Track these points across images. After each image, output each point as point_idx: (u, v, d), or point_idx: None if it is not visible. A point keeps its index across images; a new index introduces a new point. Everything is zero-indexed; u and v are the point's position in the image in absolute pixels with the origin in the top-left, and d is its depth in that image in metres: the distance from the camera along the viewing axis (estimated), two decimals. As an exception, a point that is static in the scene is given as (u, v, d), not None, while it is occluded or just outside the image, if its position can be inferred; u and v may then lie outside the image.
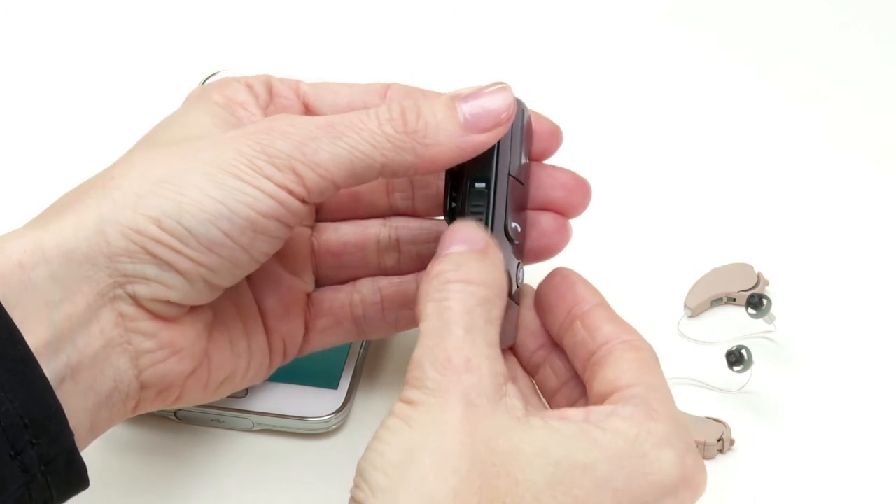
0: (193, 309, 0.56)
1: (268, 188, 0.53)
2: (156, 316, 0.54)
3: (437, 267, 0.54)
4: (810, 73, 0.83)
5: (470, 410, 0.50)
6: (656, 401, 0.53)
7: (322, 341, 0.62)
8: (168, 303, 0.54)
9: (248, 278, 0.59)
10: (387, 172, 0.55)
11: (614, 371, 0.54)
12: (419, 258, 0.62)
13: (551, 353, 0.58)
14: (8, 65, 0.84)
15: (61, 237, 0.52)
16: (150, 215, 0.53)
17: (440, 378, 0.51)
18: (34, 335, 0.51)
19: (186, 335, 0.56)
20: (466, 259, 0.54)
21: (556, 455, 0.50)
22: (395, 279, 0.62)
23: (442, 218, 0.61)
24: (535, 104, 0.61)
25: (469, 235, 0.55)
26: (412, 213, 0.63)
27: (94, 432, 0.54)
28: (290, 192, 0.54)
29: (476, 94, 0.56)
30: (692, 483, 0.52)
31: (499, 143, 0.56)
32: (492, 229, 0.55)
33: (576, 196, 0.60)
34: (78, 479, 0.52)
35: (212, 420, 0.65)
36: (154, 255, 0.53)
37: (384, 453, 0.50)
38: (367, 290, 0.62)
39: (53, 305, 0.52)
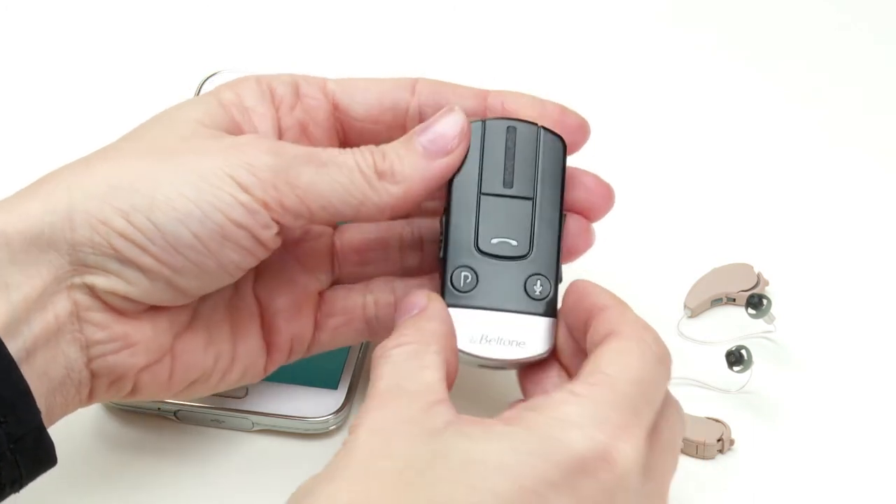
0: (158, 308, 0.56)
1: (242, 198, 0.54)
2: (111, 308, 0.55)
3: (383, 343, 0.55)
4: (810, 73, 0.83)
5: (371, 436, 0.51)
6: (592, 383, 0.52)
7: (332, 341, 0.62)
8: (126, 298, 0.54)
9: (261, 278, 0.59)
10: (363, 213, 0.56)
11: (588, 363, 0.54)
12: None
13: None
14: (7, 64, 0.84)
15: (27, 222, 0.53)
16: (119, 207, 0.53)
17: (357, 422, 0.52)
18: None
19: (143, 331, 0.56)
20: (403, 328, 0.55)
21: (462, 458, 0.50)
22: (411, 281, 0.62)
23: None
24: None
25: (409, 304, 0.56)
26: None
27: (50, 418, 0.55)
28: (266, 207, 0.54)
29: (428, 123, 0.58)
30: (609, 461, 0.50)
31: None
32: (445, 255, 0.58)
33: (598, 199, 0.61)
34: (47, 456, 0.53)
35: (212, 420, 0.65)
36: (117, 250, 0.53)
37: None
38: (381, 290, 0.62)
39: (12, 287, 0.52)
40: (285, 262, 0.60)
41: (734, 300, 0.70)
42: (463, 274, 0.58)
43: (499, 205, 0.59)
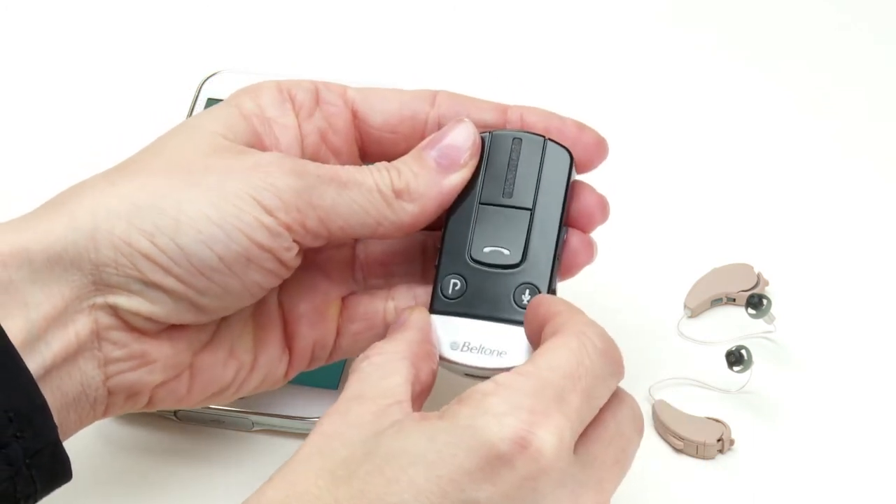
0: (179, 327, 0.56)
1: (266, 221, 0.54)
2: (132, 328, 0.54)
3: (377, 345, 0.55)
4: (810, 74, 0.83)
5: (318, 438, 0.51)
6: (517, 373, 0.51)
7: (353, 347, 0.61)
8: (148, 318, 0.54)
9: (284, 285, 0.59)
10: (380, 232, 0.57)
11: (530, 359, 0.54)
12: None
13: None
14: (7, 64, 0.84)
15: (50, 239, 0.53)
16: (144, 229, 0.53)
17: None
18: (13, 333, 0.51)
19: (161, 349, 0.56)
20: (382, 342, 0.56)
21: (384, 451, 0.50)
22: (431, 287, 0.62)
23: None
24: (536, 105, 0.61)
25: (398, 317, 0.57)
26: None
27: (64, 434, 0.54)
28: (289, 230, 0.54)
29: (437, 136, 0.58)
30: (526, 447, 0.49)
31: None
32: (439, 261, 0.58)
33: (593, 210, 0.61)
34: (62, 471, 0.53)
35: (212, 420, 0.65)
36: (140, 271, 0.53)
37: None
38: (403, 297, 0.61)
39: (32, 306, 0.52)
40: (308, 270, 0.59)
41: (734, 300, 0.70)
42: (452, 281, 0.58)
43: (496, 214, 0.59)
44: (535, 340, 0.56)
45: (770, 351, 0.68)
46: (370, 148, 0.61)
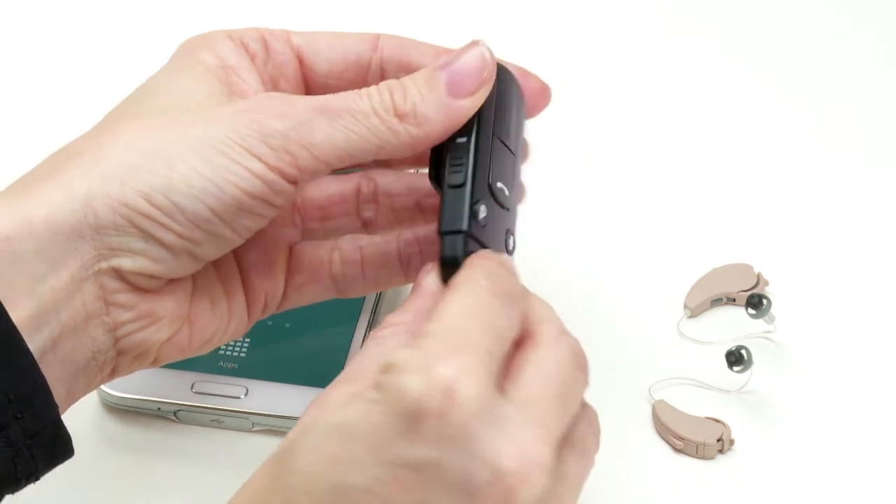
0: (174, 280, 0.56)
1: (257, 169, 0.53)
2: (136, 288, 0.54)
3: (387, 317, 0.53)
4: (810, 75, 0.83)
5: (313, 406, 0.50)
6: (433, 324, 0.50)
7: (300, 297, 0.61)
8: (151, 276, 0.54)
9: None
10: (382, 155, 0.55)
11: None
12: (393, 211, 0.61)
13: None
14: (7, 64, 0.84)
15: (49, 210, 0.52)
16: (139, 189, 0.53)
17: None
18: (19, 308, 0.51)
19: (166, 304, 0.55)
20: (398, 311, 0.53)
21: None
22: (377, 239, 0.61)
23: (416, 171, 0.61)
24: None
25: (418, 285, 0.53)
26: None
27: (71, 399, 0.55)
28: (282, 174, 0.54)
29: (453, 58, 0.56)
30: (439, 397, 0.47)
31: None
32: (473, 182, 0.54)
33: (538, 98, 0.60)
34: (63, 448, 0.53)
35: (212, 420, 0.65)
36: (141, 229, 0.53)
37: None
38: (348, 248, 0.61)
39: (39, 279, 0.52)
40: None
41: (734, 300, 0.70)
42: (482, 207, 0.54)
43: (501, 150, 0.57)
44: None
45: (770, 351, 0.68)
46: (314, 93, 0.59)
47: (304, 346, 0.63)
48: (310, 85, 0.60)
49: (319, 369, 0.66)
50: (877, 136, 0.79)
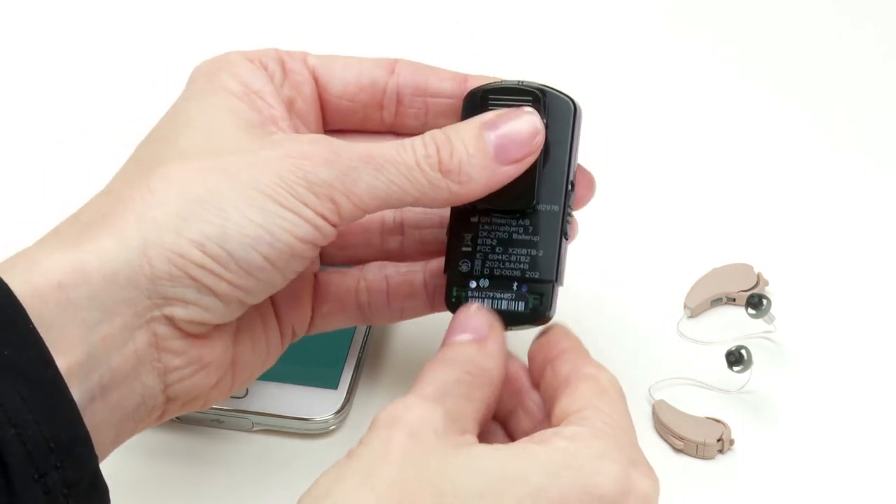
0: (220, 325, 0.56)
1: (307, 215, 0.54)
2: (187, 334, 0.54)
3: (438, 355, 0.55)
4: (810, 75, 0.83)
5: (409, 439, 0.50)
6: (602, 421, 0.52)
7: (325, 325, 0.62)
8: (200, 323, 0.54)
9: None
10: (418, 205, 0.56)
11: (568, 399, 0.54)
12: (422, 243, 0.62)
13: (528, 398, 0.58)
14: (6, 64, 0.84)
15: (103, 259, 0.52)
16: (193, 239, 0.53)
17: (389, 415, 0.51)
18: (69, 355, 0.51)
19: (214, 349, 0.55)
20: (464, 349, 0.55)
21: (486, 466, 0.50)
22: (402, 267, 0.62)
23: None
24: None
25: (474, 324, 0.56)
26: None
27: (118, 442, 0.55)
28: (326, 220, 0.54)
29: (503, 119, 0.56)
30: (638, 495, 0.51)
31: None
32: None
33: (583, 190, 0.61)
34: (99, 501, 0.52)
35: (212, 420, 0.65)
36: (195, 279, 0.53)
37: (318, 482, 0.50)
38: (374, 277, 0.61)
39: (91, 325, 0.52)
40: None
41: (734, 300, 0.70)
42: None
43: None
44: (537, 370, 0.56)
45: (770, 351, 0.68)
46: (329, 115, 0.61)
47: (304, 346, 0.63)
48: (324, 105, 0.61)
49: (319, 369, 0.66)
50: (877, 136, 0.79)
